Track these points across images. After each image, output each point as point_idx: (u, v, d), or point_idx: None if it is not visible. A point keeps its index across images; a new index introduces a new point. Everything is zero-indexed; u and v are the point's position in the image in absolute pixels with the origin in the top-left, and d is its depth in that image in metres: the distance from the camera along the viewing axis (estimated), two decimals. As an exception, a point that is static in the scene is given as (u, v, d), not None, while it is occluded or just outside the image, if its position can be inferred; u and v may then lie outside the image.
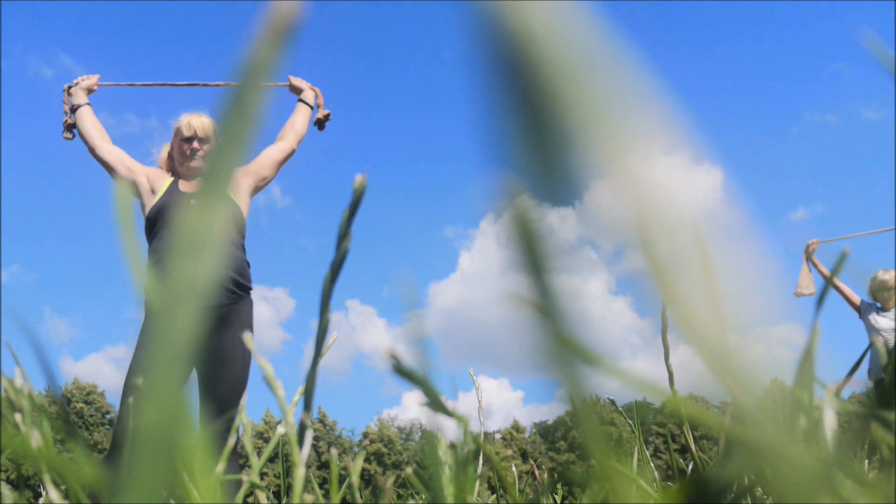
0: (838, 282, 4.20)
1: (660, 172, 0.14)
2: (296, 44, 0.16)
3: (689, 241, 0.14)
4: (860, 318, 4.18)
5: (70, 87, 2.56)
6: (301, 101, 2.67)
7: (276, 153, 2.50)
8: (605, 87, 0.14)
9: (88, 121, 2.47)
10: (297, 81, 2.71)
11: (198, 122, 2.39)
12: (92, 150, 2.42)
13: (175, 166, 2.46)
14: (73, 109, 2.50)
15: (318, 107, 2.71)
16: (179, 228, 0.15)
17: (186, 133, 2.38)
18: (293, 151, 2.56)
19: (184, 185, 2.35)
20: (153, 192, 2.34)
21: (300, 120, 2.61)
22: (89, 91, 2.57)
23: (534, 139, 0.14)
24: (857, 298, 4.23)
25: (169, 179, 2.38)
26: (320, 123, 2.71)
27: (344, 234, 0.40)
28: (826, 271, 4.07)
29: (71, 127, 2.55)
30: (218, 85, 2.81)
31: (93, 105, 2.56)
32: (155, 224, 2.27)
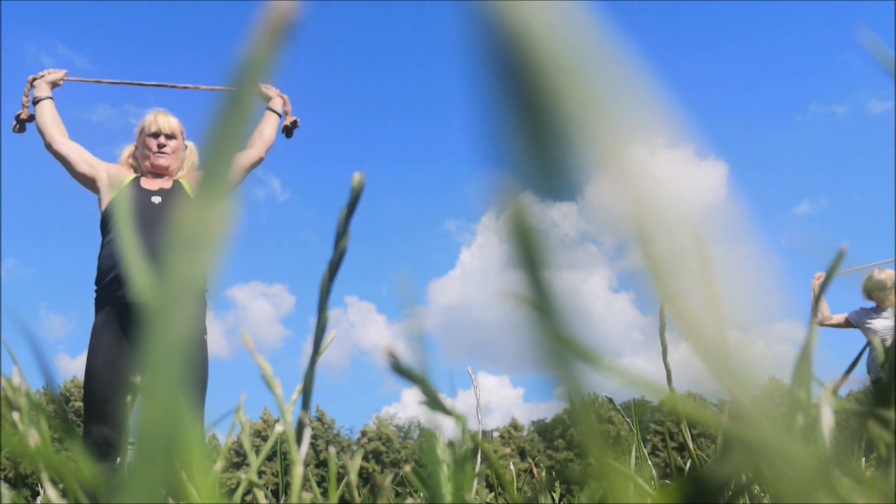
0: (823, 315, 4.14)
1: (659, 169, 0.14)
2: (293, 42, 0.16)
3: (687, 238, 0.14)
4: (855, 328, 4.16)
5: (34, 79, 2.46)
6: (269, 108, 2.64)
7: (243, 160, 2.47)
8: (604, 84, 0.14)
9: (48, 114, 2.38)
10: (267, 88, 2.68)
11: (164, 119, 2.37)
12: (49, 145, 2.33)
13: (138, 166, 2.42)
14: (35, 101, 2.41)
15: (286, 114, 2.68)
16: (178, 227, 0.15)
17: (152, 129, 2.35)
18: (261, 160, 2.53)
19: (146, 183, 2.31)
20: (112, 187, 2.30)
21: (268, 129, 2.59)
22: (54, 85, 2.48)
23: (532, 136, 0.14)
24: (842, 318, 4.19)
25: (131, 175, 2.35)
26: (288, 131, 2.69)
27: (342, 233, 0.40)
28: (819, 304, 4.05)
29: (23, 122, 2.43)
30: (190, 87, 2.70)
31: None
32: (112, 219, 2.23)
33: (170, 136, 2.37)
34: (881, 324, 4.06)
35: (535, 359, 0.15)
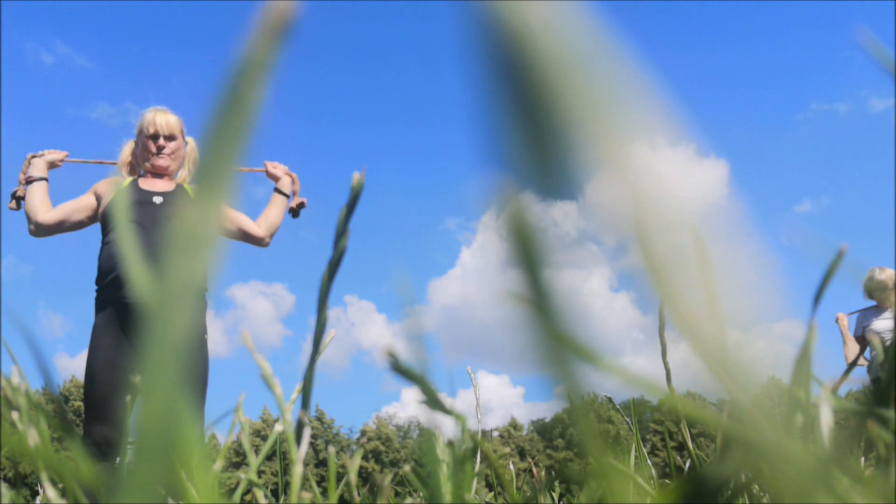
0: (854, 353, 4.17)
1: (660, 167, 0.14)
2: (293, 42, 0.16)
3: (687, 237, 0.14)
4: (862, 336, 4.17)
5: (33, 157, 2.42)
6: (277, 190, 2.56)
7: (246, 223, 2.41)
8: (604, 83, 0.14)
9: (37, 197, 2.33)
10: (274, 168, 2.60)
11: (162, 119, 2.33)
12: (36, 226, 2.29)
13: (137, 164, 2.41)
14: (29, 181, 2.38)
15: (294, 194, 2.59)
16: (177, 227, 0.15)
17: (151, 130, 2.32)
18: (264, 243, 2.45)
19: (145, 184, 2.30)
20: (108, 194, 2.29)
21: (274, 212, 2.50)
22: (52, 165, 2.44)
23: (532, 135, 0.14)
24: (854, 344, 4.19)
25: (128, 179, 2.33)
26: (294, 212, 2.60)
27: (342, 232, 0.40)
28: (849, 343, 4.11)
29: (19, 199, 2.40)
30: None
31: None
32: (112, 219, 2.22)
33: (169, 138, 2.35)
34: (881, 324, 4.06)
35: (535, 358, 0.15)
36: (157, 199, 2.26)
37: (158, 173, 2.36)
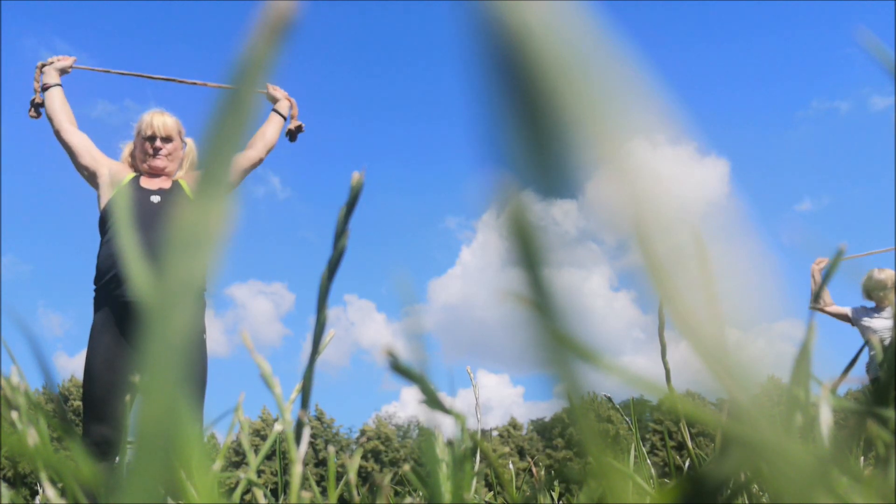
0: (825, 303, 4.17)
1: (660, 166, 0.14)
2: (293, 41, 0.16)
3: (687, 237, 0.14)
4: (853, 325, 4.18)
5: (44, 66, 2.53)
6: (275, 110, 2.65)
7: (242, 161, 2.48)
8: (604, 82, 0.14)
9: (57, 101, 2.44)
10: (275, 90, 2.70)
11: (159, 121, 2.37)
12: (57, 132, 2.39)
13: (136, 165, 2.44)
14: (44, 88, 2.47)
15: (292, 117, 2.69)
16: (176, 226, 0.15)
17: (148, 132, 2.36)
18: (260, 161, 2.54)
19: (145, 182, 2.33)
20: (112, 186, 2.32)
21: (271, 130, 2.60)
22: (63, 72, 2.53)
23: (532, 134, 0.14)
24: (844, 310, 4.21)
25: (130, 175, 2.36)
26: (292, 134, 2.69)
27: (341, 232, 0.40)
28: (817, 289, 4.06)
29: (38, 106, 2.51)
30: (195, 83, 2.75)
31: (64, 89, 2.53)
32: (111, 218, 2.24)
33: (165, 139, 2.37)
34: (880, 323, 4.06)
35: (535, 357, 0.15)
36: (155, 199, 2.27)
37: (155, 174, 2.37)
